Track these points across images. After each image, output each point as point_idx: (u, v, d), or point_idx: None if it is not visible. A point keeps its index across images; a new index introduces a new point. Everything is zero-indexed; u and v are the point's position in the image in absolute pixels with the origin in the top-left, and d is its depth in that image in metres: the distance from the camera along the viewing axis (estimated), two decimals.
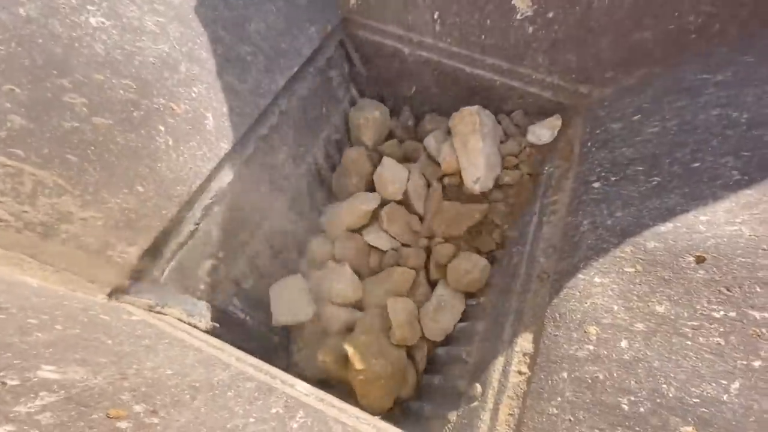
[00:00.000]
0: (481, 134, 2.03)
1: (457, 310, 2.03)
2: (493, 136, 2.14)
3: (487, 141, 2.07)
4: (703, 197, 1.30)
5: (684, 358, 1.06)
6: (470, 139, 2.07)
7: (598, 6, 1.73)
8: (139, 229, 1.35)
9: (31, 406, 0.59)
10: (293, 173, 2.06)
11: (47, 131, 1.22)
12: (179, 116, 1.48)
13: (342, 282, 2.12)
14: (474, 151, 2.08)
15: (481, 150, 2.05)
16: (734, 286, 1.09)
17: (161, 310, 1.35)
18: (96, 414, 0.65)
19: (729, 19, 1.60)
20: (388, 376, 1.85)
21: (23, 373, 0.68)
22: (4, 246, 1.12)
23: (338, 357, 1.94)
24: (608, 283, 1.30)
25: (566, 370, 1.21)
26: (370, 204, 2.28)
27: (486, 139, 2.06)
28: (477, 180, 2.10)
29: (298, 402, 1.08)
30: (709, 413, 0.95)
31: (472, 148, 2.07)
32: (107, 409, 0.68)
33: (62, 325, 0.90)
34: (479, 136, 2.03)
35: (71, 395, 0.68)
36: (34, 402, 0.61)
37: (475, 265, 1.99)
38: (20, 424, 0.54)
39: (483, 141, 2.04)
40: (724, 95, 1.48)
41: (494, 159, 2.12)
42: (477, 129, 2.03)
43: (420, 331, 2.02)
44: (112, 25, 1.37)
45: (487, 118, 2.11)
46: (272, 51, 1.81)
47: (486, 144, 2.06)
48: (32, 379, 0.67)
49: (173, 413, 0.77)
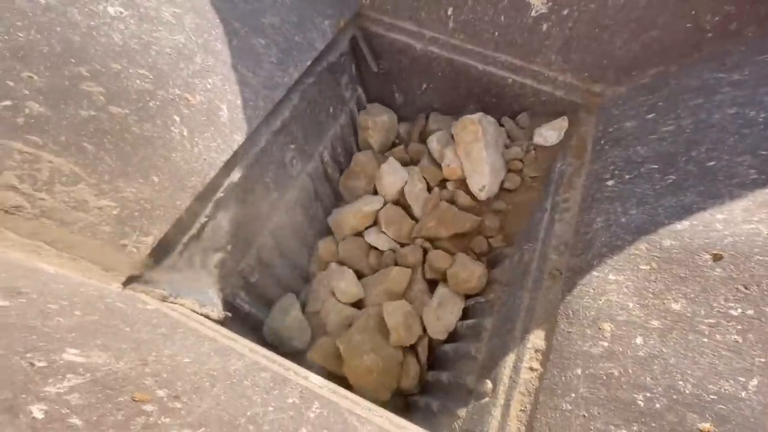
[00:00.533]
0: (484, 142, 2.04)
1: (458, 307, 2.05)
2: (496, 143, 2.14)
3: (490, 149, 2.08)
4: (719, 196, 1.29)
5: (701, 355, 1.05)
6: (473, 148, 2.07)
7: (613, 4, 1.72)
8: (154, 219, 1.35)
9: (60, 387, 0.59)
10: (301, 170, 2.06)
11: (64, 119, 1.22)
12: (194, 107, 1.48)
13: (344, 281, 2.15)
14: (478, 159, 2.09)
15: (485, 159, 2.06)
16: (752, 284, 1.09)
17: (174, 301, 1.36)
18: (122, 397, 0.65)
19: (747, 18, 1.59)
20: (380, 371, 1.89)
21: (49, 355, 0.68)
22: (21, 233, 1.12)
23: (328, 355, 1.97)
24: (623, 281, 1.29)
25: (580, 367, 1.21)
26: (373, 205, 2.30)
27: (489, 147, 2.07)
28: (483, 188, 2.11)
29: (313, 393, 1.08)
30: (727, 410, 0.94)
31: (476, 156, 2.08)
32: (132, 393, 0.68)
33: (81, 311, 0.90)
34: (482, 145, 2.04)
35: (97, 378, 0.68)
36: (62, 383, 0.61)
37: (472, 273, 2.00)
38: (52, 404, 0.54)
39: (486, 150, 2.05)
40: (740, 94, 1.48)
41: (498, 165, 2.13)
42: (480, 138, 2.04)
43: (419, 330, 2.04)
44: (130, 14, 1.37)
45: (489, 125, 2.11)
46: (286, 44, 1.80)
47: (489, 152, 2.07)
48: (58, 362, 0.67)
49: (195, 399, 0.77)
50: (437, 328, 2.00)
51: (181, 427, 0.64)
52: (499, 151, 2.16)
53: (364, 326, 2.00)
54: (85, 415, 0.56)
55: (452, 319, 2.00)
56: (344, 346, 1.92)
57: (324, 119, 2.16)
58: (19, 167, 1.14)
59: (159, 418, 0.64)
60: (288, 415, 0.90)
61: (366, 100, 2.59)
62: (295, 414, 0.92)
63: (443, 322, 2.00)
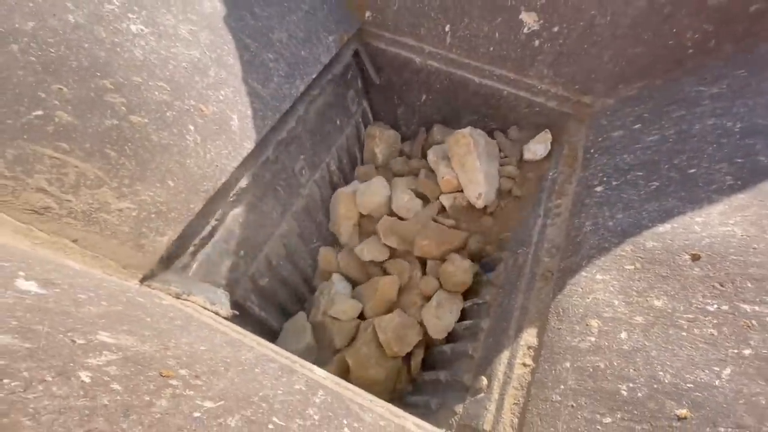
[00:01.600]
0: (476, 153, 2.17)
1: (457, 308, 2.12)
2: (488, 153, 2.26)
3: (482, 159, 2.20)
4: (698, 200, 1.38)
5: (680, 347, 1.13)
6: (467, 160, 2.20)
7: (601, 22, 1.83)
8: (169, 220, 1.44)
9: (99, 360, 0.67)
10: (309, 179, 2.16)
11: (90, 127, 1.32)
12: (207, 117, 1.58)
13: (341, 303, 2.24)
14: (472, 170, 2.20)
15: (479, 168, 2.18)
16: (727, 281, 1.17)
17: (187, 298, 1.44)
18: (151, 372, 0.73)
19: (724, 36, 1.70)
20: (382, 381, 2.05)
21: (86, 335, 0.76)
22: (49, 231, 1.21)
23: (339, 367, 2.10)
24: (609, 280, 1.38)
25: (569, 361, 1.28)
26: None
27: (482, 157, 2.19)
28: (479, 196, 2.21)
29: (318, 383, 1.16)
30: (702, 397, 1.02)
31: (470, 167, 2.20)
32: (159, 370, 0.76)
33: (107, 302, 0.99)
34: (475, 156, 2.17)
35: (128, 356, 0.76)
36: (100, 358, 0.69)
37: (458, 267, 2.09)
38: (95, 372, 0.62)
39: (479, 160, 2.17)
40: (719, 106, 1.57)
41: (492, 173, 2.25)
42: (472, 150, 2.16)
43: (416, 336, 2.12)
44: (150, 32, 1.49)
45: (479, 137, 2.23)
46: (293, 58, 1.92)
47: (482, 161, 2.19)
48: (94, 341, 0.76)
49: (213, 379, 0.85)
50: (437, 328, 2.07)
51: (203, 399, 0.72)
52: (492, 161, 2.27)
53: (369, 339, 2.10)
54: (123, 382, 0.63)
55: (452, 318, 2.07)
56: (352, 360, 2.04)
57: (331, 130, 2.27)
58: (48, 171, 1.23)
59: (184, 391, 0.72)
60: (296, 398, 0.97)
61: (371, 112, 2.70)
62: (302, 398, 0.99)
63: (443, 322, 2.08)
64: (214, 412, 0.68)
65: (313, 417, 0.89)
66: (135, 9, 1.48)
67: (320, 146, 2.19)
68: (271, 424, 0.74)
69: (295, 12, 2.00)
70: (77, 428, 0.50)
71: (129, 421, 0.55)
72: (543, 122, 2.21)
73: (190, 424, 0.62)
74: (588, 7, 1.82)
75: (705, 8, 1.64)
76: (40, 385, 0.53)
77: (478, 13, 2.03)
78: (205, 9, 1.68)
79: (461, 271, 2.09)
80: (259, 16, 1.84)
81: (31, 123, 1.22)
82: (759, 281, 1.12)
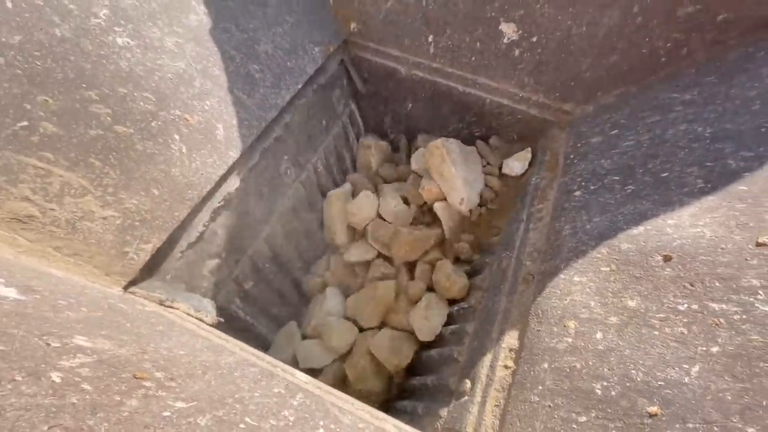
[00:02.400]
0: (450, 160, 2.23)
1: (444, 312, 2.15)
2: (465, 159, 2.32)
3: (458, 165, 2.25)
4: (671, 203, 1.42)
5: (652, 346, 1.15)
6: (443, 168, 2.26)
7: (577, 32, 1.89)
8: (154, 228, 1.46)
9: (72, 362, 0.69)
10: (295, 179, 2.18)
11: (75, 137, 1.34)
12: (193, 126, 1.61)
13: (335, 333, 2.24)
14: (450, 177, 2.26)
15: (456, 174, 2.23)
16: (697, 281, 1.20)
17: (171, 305, 1.45)
18: (124, 374, 0.75)
19: (695, 44, 1.76)
20: (378, 392, 2.13)
21: (62, 339, 0.78)
22: (33, 239, 1.23)
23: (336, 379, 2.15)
24: (586, 282, 1.40)
25: (547, 361, 1.30)
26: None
27: (457, 164, 2.25)
28: (462, 201, 2.25)
29: (298, 387, 1.17)
30: (672, 394, 1.04)
31: (447, 175, 2.26)
32: (133, 372, 0.78)
33: (87, 308, 1.00)
34: (449, 163, 2.22)
35: (102, 359, 0.78)
36: (73, 360, 0.71)
37: (454, 283, 2.12)
38: (66, 373, 0.64)
39: (455, 166, 2.22)
40: (690, 112, 1.62)
41: (472, 177, 2.29)
42: (446, 158, 2.22)
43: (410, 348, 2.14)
44: (136, 44, 1.52)
45: (452, 144, 2.29)
46: (279, 69, 1.96)
47: (459, 167, 2.24)
48: (69, 344, 0.77)
49: (188, 382, 0.87)
50: (425, 329, 2.10)
51: (175, 400, 0.73)
52: (471, 165, 2.32)
53: (365, 351, 2.15)
54: (94, 383, 0.65)
55: (439, 320, 2.10)
56: (351, 373, 2.10)
57: (317, 131, 2.31)
58: (32, 181, 1.25)
59: (156, 392, 0.73)
60: (272, 400, 0.99)
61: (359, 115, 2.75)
62: (279, 400, 1.01)
63: (431, 324, 2.10)
64: (185, 411, 0.69)
65: (288, 418, 0.90)
66: (121, 22, 1.52)
67: (306, 148, 2.23)
68: (243, 424, 0.76)
69: (281, 24, 2.05)
70: (42, 424, 0.51)
71: (96, 418, 0.56)
72: (525, 129, 2.26)
73: (159, 423, 0.63)
74: (564, 18, 1.88)
75: (674, 18, 1.70)
76: (9, 384, 0.54)
77: (459, 24, 2.09)
78: (191, 22, 1.72)
79: (456, 288, 2.12)
80: (245, 28, 1.88)
81: (16, 134, 1.25)
82: (726, 280, 1.15)
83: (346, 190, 2.53)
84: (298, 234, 2.30)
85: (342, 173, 2.67)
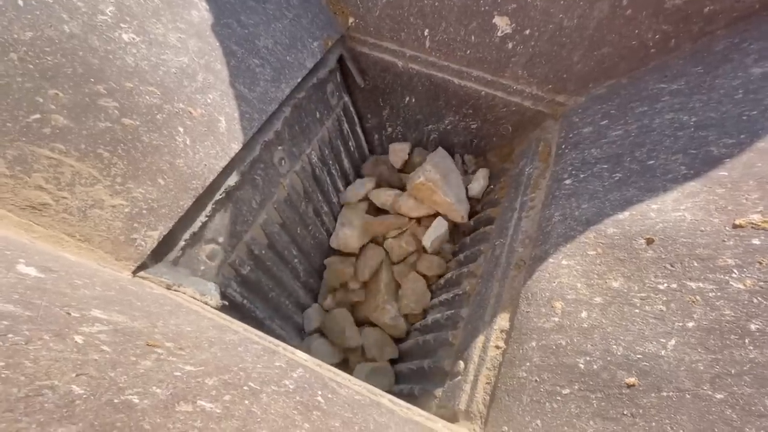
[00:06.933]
0: (442, 191, 2.35)
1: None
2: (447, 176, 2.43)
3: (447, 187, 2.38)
4: (655, 189, 1.48)
5: (632, 323, 1.22)
6: (436, 198, 2.38)
7: (568, 25, 1.94)
8: (160, 216, 1.53)
9: (91, 329, 0.76)
10: (289, 170, 2.25)
11: (84, 129, 1.41)
12: (196, 119, 1.67)
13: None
14: (443, 203, 2.40)
15: (449, 200, 2.37)
16: (677, 262, 1.26)
17: (177, 289, 1.52)
18: (139, 341, 0.82)
19: (683, 35, 1.80)
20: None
21: (81, 311, 0.85)
22: (46, 226, 1.30)
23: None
24: (573, 265, 1.47)
25: (535, 340, 1.37)
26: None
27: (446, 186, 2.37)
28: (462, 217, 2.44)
29: (298, 363, 1.24)
30: (649, 366, 1.11)
31: (441, 202, 2.38)
32: (146, 340, 0.85)
33: (101, 288, 1.08)
34: (441, 193, 2.35)
35: (118, 329, 0.85)
36: (92, 327, 0.78)
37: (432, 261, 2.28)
38: (87, 336, 0.71)
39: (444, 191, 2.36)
40: (677, 101, 1.68)
41: (457, 188, 2.45)
42: (436, 189, 2.34)
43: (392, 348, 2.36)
44: (141, 40, 1.58)
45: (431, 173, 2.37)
46: (279, 63, 2.02)
47: (449, 190, 2.37)
48: (88, 315, 0.84)
49: (196, 352, 0.94)
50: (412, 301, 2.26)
51: (185, 364, 0.80)
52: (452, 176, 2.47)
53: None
54: (112, 346, 0.72)
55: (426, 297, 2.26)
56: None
57: (311, 124, 2.37)
58: (45, 170, 1.32)
59: (168, 357, 0.80)
60: (274, 372, 1.06)
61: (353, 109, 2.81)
62: (280, 372, 1.08)
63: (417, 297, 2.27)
64: (194, 373, 0.76)
65: (288, 386, 0.97)
66: (127, 19, 1.58)
67: (301, 140, 2.29)
68: (246, 387, 0.83)
69: (280, 20, 2.11)
70: (71, 372, 0.58)
71: (116, 371, 0.63)
72: (520, 121, 2.31)
73: (171, 379, 0.70)
74: (556, 10, 1.93)
75: (662, 10, 1.75)
76: (39, 341, 0.61)
77: (454, 17, 2.14)
78: (194, 18, 1.78)
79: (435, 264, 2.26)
80: (246, 24, 1.94)
81: (30, 126, 1.31)
82: (704, 260, 1.21)
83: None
84: (294, 222, 2.37)
85: (337, 165, 2.73)
